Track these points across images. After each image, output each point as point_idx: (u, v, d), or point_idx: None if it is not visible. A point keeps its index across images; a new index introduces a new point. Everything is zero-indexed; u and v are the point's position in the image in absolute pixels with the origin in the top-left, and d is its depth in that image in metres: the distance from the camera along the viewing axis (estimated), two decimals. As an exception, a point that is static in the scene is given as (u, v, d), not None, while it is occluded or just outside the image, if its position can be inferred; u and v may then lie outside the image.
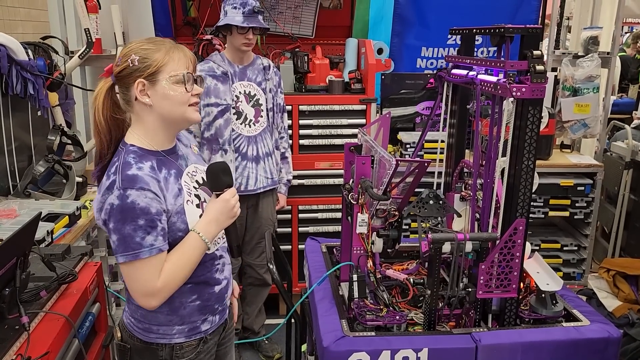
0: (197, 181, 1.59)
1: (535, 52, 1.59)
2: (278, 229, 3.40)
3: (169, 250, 1.47)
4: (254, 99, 2.86)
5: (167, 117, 1.50)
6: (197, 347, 1.62)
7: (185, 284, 1.53)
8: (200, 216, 1.53)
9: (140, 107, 1.48)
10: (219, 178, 1.52)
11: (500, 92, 1.64)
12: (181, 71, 1.47)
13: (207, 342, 1.65)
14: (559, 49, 3.79)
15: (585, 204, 3.36)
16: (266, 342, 3.20)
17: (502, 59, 1.69)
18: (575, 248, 3.52)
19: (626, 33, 7.71)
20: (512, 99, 1.61)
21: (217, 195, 1.54)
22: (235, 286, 1.83)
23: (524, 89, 1.57)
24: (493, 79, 1.71)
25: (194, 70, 1.54)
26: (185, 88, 1.48)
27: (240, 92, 2.82)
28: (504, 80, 1.63)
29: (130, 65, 1.44)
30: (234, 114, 2.81)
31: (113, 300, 2.78)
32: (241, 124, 2.83)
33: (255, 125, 2.87)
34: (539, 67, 1.57)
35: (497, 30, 1.69)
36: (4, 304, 1.36)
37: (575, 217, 3.39)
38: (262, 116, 2.89)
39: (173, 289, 1.48)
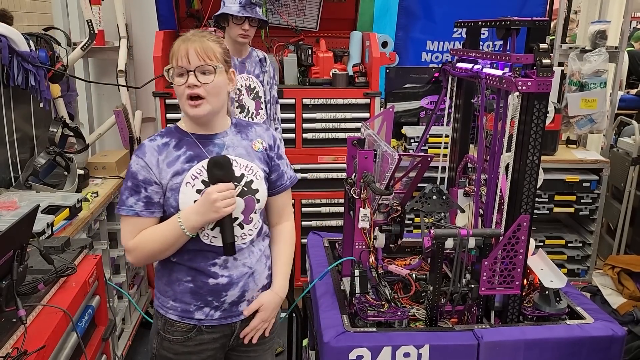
0: None
1: (542, 46, 1.56)
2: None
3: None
4: (254, 92, 2.85)
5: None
6: (189, 332, 1.64)
7: (183, 264, 1.61)
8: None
9: None
10: (210, 171, 1.53)
11: (505, 86, 1.62)
12: (176, 64, 1.54)
13: (203, 333, 1.65)
14: (566, 42, 3.75)
15: (590, 200, 3.34)
16: (268, 336, 3.19)
17: (508, 52, 1.66)
18: (580, 244, 3.49)
19: (636, 30, 7.60)
20: (517, 93, 1.59)
21: None
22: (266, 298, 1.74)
23: (529, 83, 1.55)
24: (498, 72, 1.69)
25: (196, 62, 1.53)
26: (173, 81, 1.56)
27: (241, 85, 2.81)
28: (510, 73, 1.61)
29: None
30: (237, 107, 2.79)
31: (115, 293, 2.78)
32: (244, 117, 2.82)
33: (256, 117, 2.86)
34: (546, 61, 1.54)
35: (502, 23, 1.67)
36: (1, 296, 1.34)
37: (581, 213, 3.36)
38: (262, 108, 2.89)
39: (146, 256, 1.59)
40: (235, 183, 1.58)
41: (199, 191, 1.55)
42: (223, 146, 1.63)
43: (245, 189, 1.62)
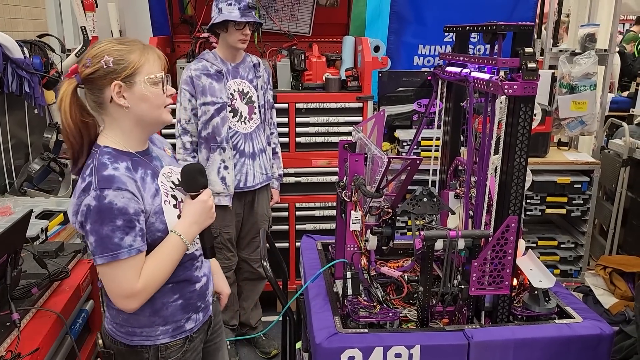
0: (172, 182, 1.58)
1: (527, 50, 1.59)
2: (275, 227, 3.40)
3: (148, 251, 1.46)
4: (247, 96, 2.88)
5: (144, 118, 1.49)
6: (183, 346, 1.61)
7: (166, 284, 1.52)
8: (179, 216, 1.53)
9: (115, 109, 1.46)
10: (195, 179, 1.50)
11: (492, 89, 1.64)
12: (158, 72, 1.48)
13: (193, 340, 1.65)
14: (557, 46, 3.79)
15: (582, 202, 3.36)
16: (263, 338, 3.21)
17: (495, 56, 1.69)
18: (572, 245, 3.52)
19: (628, 32, 7.65)
20: (504, 96, 1.61)
21: (193, 197, 1.53)
22: (223, 283, 1.87)
23: (515, 86, 1.57)
24: (486, 76, 1.71)
25: (166, 71, 1.54)
26: (163, 90, 1.48)
27: (234, 90, 2.83)
28: (496, 77, 1.63)
29: (104, 66, 1.41)
30: (229, 111, 2.81)
31: (110, 298, 2.79)
32: (237, 121, 2.84)
33: (249, 122, 2.88)
34: (531, 65, 1.57)
35: (489, 28, 1.69)
36: (-5, 300, 1.37)
37: (572, 214, 3.39)
38: (255, 113, 2.91)
39: (153, 290, 1.47)
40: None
41: (175, 205, 1.53)
42: (158, 158, 1.60)
43: None
